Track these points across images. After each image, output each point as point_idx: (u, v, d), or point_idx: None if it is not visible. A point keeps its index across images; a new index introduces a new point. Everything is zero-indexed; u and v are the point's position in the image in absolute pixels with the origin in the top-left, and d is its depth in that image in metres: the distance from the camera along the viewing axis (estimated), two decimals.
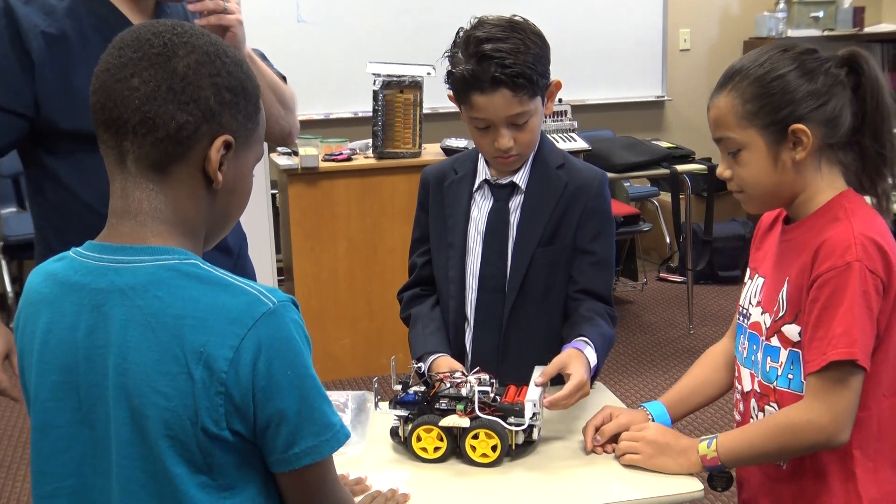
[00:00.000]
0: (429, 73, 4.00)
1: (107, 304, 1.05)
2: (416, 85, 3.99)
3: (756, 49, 1.54)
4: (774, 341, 1.53)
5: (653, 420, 1.69)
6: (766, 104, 1.47)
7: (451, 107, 1.89)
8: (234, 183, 1.12)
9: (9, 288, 4.97)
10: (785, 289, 1.51)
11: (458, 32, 1.83)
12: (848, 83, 1.48)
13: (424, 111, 4.12)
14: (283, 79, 2.02)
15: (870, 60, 1.49)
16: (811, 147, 1.47)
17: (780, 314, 1.51)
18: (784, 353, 1.51)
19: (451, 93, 1.85)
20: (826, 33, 6.04)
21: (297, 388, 1.05)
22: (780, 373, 1.52)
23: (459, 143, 4.16)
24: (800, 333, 1.48)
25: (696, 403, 1.76)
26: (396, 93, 3.98)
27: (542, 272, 1.89)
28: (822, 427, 1.44)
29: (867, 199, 1.53)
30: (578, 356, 1.72)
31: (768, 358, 1.54)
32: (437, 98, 5.82)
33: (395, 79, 3.95)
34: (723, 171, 1.56)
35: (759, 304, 1.58)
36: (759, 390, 1.57)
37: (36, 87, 1.74)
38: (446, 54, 1.84)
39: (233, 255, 1.96)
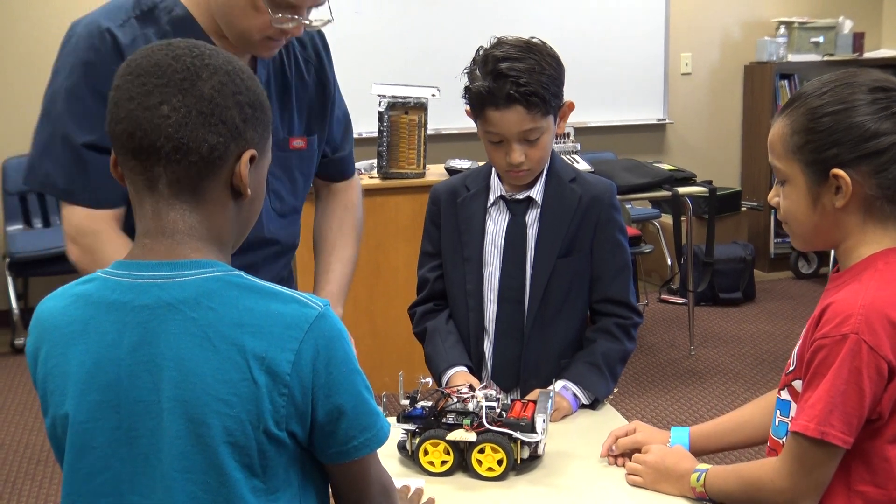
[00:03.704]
0: (433, 95, 4.05)
1: (154, 319, 1.06)
2: (420, 106, 4.03)
3: (831, 73, 1.41)
4: (785, 395, 1.47)
5: (670, 444, 1.69)
6: (811, 140, 1.36)
7: (455, 128, 1.95)
8: (255, 192, 1.16)
9: (14, 304, 4.99)
10: (799, 342, 1.44)
11: (477, 51, 1.90)
12: None
13: (429, 132, 4.15)
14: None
15: None
16: (853, 196, 1.35)
17: (791, 368, 1.45)
18: (794, 409, 1.44)
19: (468, 107, 1.91)
20: (826, 58, 6.11)
21: (351, 383, 1.11)
22: (789, 428, 1.43)
23: (463, 163, 4.20)
24: None
25: (731, 441, 1.69)
26: (401, 114, 4.02)
27: (562, 282, 1.96)
28: (781, 490, 1.40)
29: None
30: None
31: (778, 412, 1.49)
32: (442, 119, 5.83)
33: (399, 100, 4.00)
34: (771, 198, 1.46)
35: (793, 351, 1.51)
36: (768, 444, 1.53)
37: None
38: (465, 70, 1.90)
39: None
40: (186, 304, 1.06)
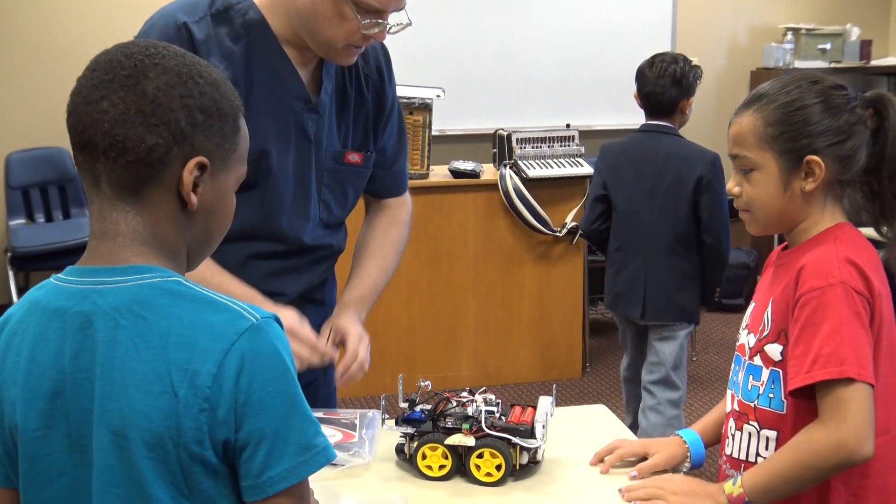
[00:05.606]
0: (438, 96, 4.04)
1: (90, 326, 1.04)
2: (425, 107, 4.03)
3: (786, 76, 1.58)
4: (757, 360, 1.55)
5: (688, 449, 1.71)
6: (786, 131, 1.51)
7: (460, 129, 1.94)
8: (213, 204, 1.11)
9: (15, 299, 4.99)
10: (770, 308, 1.54)
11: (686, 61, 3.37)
12: (870, 124, 1.52)
13: (433, 133, 4.15)
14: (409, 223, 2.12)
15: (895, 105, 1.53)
16: (822, 180, 1.51)
17: (765, 333, 1.54)
18: (766, 373, 1.53)
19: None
20: (833, 65, 6.09)
21: (279, 405, 1.03)
22: (761, 392, 1.54)
23: (467, 165, 4.19)
24: (781, 353, 1.50)
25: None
26: (406, 114, 4.01)
27: None
28: (843, 441, 1.40)
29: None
30: None
31: (750, 377, 1.57)
32: (446, 120, 5.79)
33: (404, 100, 3.99)
34: (732, 187, 1.59)
35: (746, 326, 1.63)
36: (737, 409, 1.60)
37: None
38: (696, 74, 3.47)
39: (325, 307, 1.95)
40: (119, 312, 1.03)
